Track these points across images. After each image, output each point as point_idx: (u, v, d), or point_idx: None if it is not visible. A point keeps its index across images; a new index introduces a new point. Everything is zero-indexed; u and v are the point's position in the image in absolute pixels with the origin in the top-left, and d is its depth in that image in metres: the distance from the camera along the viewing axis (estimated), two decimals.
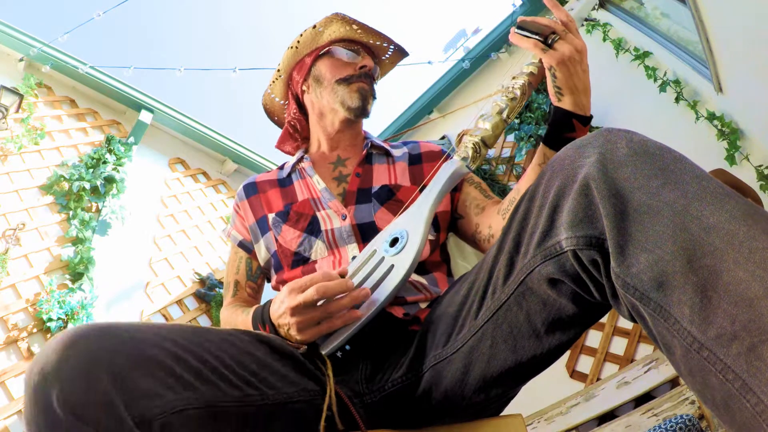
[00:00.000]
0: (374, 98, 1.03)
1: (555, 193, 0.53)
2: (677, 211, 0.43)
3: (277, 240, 0.95)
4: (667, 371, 2.19)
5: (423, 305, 0.84)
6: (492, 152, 3.59)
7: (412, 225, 0.75)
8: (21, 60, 3.34)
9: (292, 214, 0.95)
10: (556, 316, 0.59)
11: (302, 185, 1.01)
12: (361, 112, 1.00)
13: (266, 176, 1.07)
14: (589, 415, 2.30)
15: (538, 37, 0.71)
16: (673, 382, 2.17)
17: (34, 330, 2.65)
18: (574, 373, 2.77)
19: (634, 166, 0.47)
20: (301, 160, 1.05)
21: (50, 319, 2.65)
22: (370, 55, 1.06)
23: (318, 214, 0.94)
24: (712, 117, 2.45)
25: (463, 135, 3.08)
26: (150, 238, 3.52)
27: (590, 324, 0.62)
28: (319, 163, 1.04)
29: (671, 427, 1.71)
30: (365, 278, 0.74)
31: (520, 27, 0.72)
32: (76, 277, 2.92)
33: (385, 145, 1.06)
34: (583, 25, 3.19)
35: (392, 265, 0.72)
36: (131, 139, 3.63)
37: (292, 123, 1.10)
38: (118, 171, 3.40)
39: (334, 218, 0.92)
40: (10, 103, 3.04)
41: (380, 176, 1.00)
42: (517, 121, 3.40)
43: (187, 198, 3.95)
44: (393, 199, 0.95)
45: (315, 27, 1.01)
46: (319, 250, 0.91)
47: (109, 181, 3.31)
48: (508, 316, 0.61)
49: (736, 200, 0.43)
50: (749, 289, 0.38)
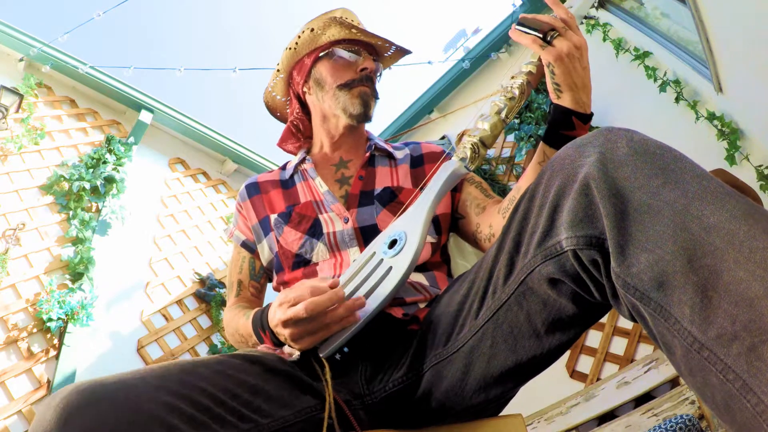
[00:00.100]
0: (376, 99, 1.02)
1: (555, 192, 0.53)
2: (678, 211, 0.43)
3: (278, 241, 0.94)
4: (667, 371, 2.19)
5: (422, 305, 0.84)
6: (492, 152, 3.59)
7: (410, 226, 0.75)
8: (21, 60, 3.34)
9: (294, 215, 0.95)
10: (556, 316, 0.59)
11: (305, 187, 1.00)
12: (363, 118, 0.99)
13: (268, 176, 1.06)
14: (589, 415, 2.29)
15: (537, 34, 0.70)
16: (673, 382, 2.17)
17: (34, 330, 2.65)
18: (574, 373, 2.77)
19: (635, 165, 0.47)
20: (303, 161, 1.04)
21: (50, 319, 2.65)
22: (371, 53, 1.04)
23: (320, 217, 0.93)
24: (712, 117, 2.45)
25: (463, 135, 3.07)
26: (150, 238, 3.52)
27: (590, 324, 0.62)
28: (321, 165, 1.03)
29: (671, 427, 1.71)
30: (364, 280, 0.74)
31: (521, 24, 0.72)
32: (76, 277, 2.92)
33: (388, 147, 1.06)
34: (582, 23, 3.20)
35: (390, 267, 0.72)
36: (131, 139, 3.62)
37: (295, 123, 1.09)
38: (118, 171, 3.39)
39: (337, 221, 0.92)
40: (10, 103, 3.03)
41: (383, 178, 0.99)
42: (517, 121, 3.40)
43: (187, 198, 3.94)
44: (395, 202, 0.95)
45: (313, 30, 0.99)
46: (320, 252, 0.90)
47: (109, 181, 3.31)
48: (509, 315, 0.61)
49: (737, 200, 0.43)
50: (750, 288, 0.38)
